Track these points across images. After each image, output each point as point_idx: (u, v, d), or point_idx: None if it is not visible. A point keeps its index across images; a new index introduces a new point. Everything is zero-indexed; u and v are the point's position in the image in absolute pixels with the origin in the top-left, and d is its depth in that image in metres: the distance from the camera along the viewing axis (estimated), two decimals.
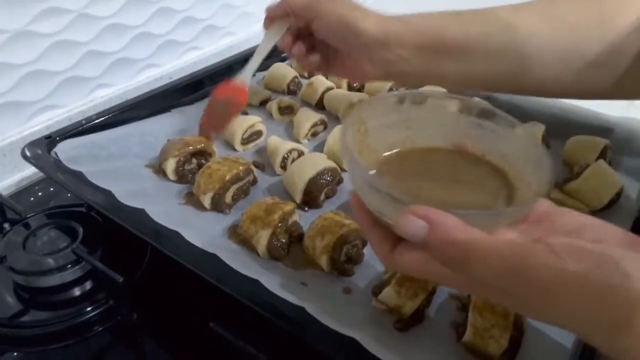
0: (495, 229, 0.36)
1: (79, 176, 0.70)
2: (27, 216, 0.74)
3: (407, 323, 0.54)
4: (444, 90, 0.75)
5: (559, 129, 0.83)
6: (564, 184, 0.71)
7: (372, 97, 0.46)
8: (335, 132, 0.79)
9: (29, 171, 0.88)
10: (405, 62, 0.63)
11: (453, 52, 0.62)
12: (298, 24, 0.69)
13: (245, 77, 0.76)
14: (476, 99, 0.53)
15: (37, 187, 0.88)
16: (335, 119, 0.89)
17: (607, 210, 0.68)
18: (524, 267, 0.32)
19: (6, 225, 0.73)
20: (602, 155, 0.75)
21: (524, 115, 0.84)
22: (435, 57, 0.63)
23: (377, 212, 0.39)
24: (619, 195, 0.69)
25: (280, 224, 0.63)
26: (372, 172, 0.45)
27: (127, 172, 0.74)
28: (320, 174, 0.70)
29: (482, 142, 0.46)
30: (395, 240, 0.40)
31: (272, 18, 0.71)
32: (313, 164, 0.70)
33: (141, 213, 0.64)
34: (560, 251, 0.31)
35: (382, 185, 0.37)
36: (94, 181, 0.69)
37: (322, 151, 0.79)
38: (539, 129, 0.81)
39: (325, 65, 0.71)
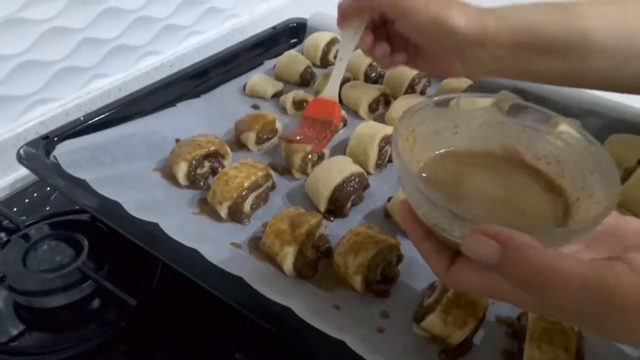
0: (566, 246, 0.34)
1: (82, 184, 0.64)
2: (26, 225, 0.67)
3: (454, 353, 0.50)
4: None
5: (595, 126, 0.77)
6: None
7: (419, 102, 0.43)
8: (359, 130, 0.73)
9: (24, 171, 0.81)
10: (499, 61, 0.58)
11: (553, 50, 0.57)
12: (373, 17, 0.63)
13: (334, 90, 0.70)
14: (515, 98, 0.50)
15: (31, 189, 0.82)
16: (355, 114, 0.83)
17: None
18: (607, 291, 0.30)
19: (2, 235, 0.67)
20: None
21: (556, 110, 0.79)
22: (533, 56, 0.57)
23: (433, 225, 0.37)
24: None
25: (307, 239, 0.57)
26: (423, 176, 0.42)
27: (134, 178, 0.67)
28: (346, 181, 0.64)
29: (533, 146, 0.43)
30: (452, 253, 0.37)
31: (348, 15, 0.64)
32: (339, 169, 0.65)
33: (153, 227, 0.58)
34: None
35: (441, 200, 0.34)
36: (99, 190, 0.62)
37: (343, 151, 0.74)
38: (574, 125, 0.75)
39: (407, 61, 0.66)
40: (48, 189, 0.81)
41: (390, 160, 0.74)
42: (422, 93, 0.88)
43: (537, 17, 0.56)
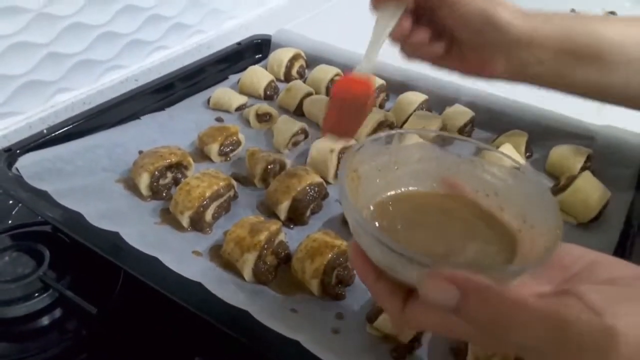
0: (519, 282, 0.34)
1: (44, 196, 0.64)
2: None
3: (405, 351, 0.52)
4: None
5: (542, 137, 0.82)
6: None
7: (361, 140, 0.43)
8: (318, 143, 0.76)
9: None
10: (540, 66, 0.57)
11: (596, 60, 0.57)
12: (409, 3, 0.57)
13: (367, 68, 0.59)
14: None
15: None
16: (316, 126, 0.86)
17: (594, 222, 0.68)
18: (564, 329, 0.30)
19: None
20: (586, 164, 0.75)
21: (505, 123, 0.84)
22: (574, 63, 0.57)
23: (387, 268, 0.36)
24: (604, 206, 0.69)
25: (266, 246, 0.59)
26: (375, 224, 0.41)
27: (97, 189, 0.68)
28: (305, 190, 0.66)
29: (470, 179, 0.44)
30: (405, 293, 0.37)
31: None
32: (298, 179, 0.67)
33: (115, 236, 0.60)
34: (596, 306, 0.30)
35: (394, 245, 0.33)
36: (61, 201, 0.63)
37: (304, 162, 0.76)
38: (522, 137, 0.80)
39: (443, 55, 0.62)
40: (11, 201, 0.81)
41: None
42: (381, 107, 0.91)
43: (583, 24, 0.57)
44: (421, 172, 0.45)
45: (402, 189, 0.44)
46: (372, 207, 0.42)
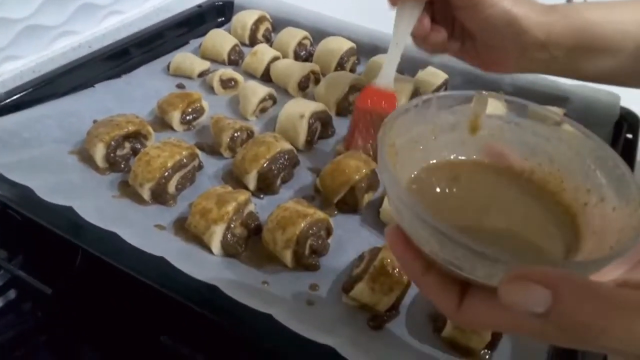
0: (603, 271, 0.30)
1: None
2: None
3: (382, 320, 0.50)
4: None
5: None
6: None
7: (395, 110, 0.35)
8: (288, 108, 0.72)
9: None
10: (554, 62, 0.56)
11: (608, 50, 0.55)
12: None
13: (389, 78, 0.65)
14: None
15: None
16: (284, 92, 0.81)
17: None
18: None
19: None
20: None
21: (480, 85, 0.82)
22: (589, 56, 0.56)
23: (444, 261, 0.30)
24: None
25: (234, 217, 0.56)
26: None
27: (47, 161, 0.63)
28: (275, 158, 0.63)
29: (518, 144, 0.38)
30: (460, 286, 0.31)
31: None
32: (267, 146, 0.63)
33: (69, 212, 0.55)
34: None
35: (464, 239, 0.27)
36: (8, 176, 0.58)
37: (273, 129, 0.73)
38: (500, 98, 0.78)
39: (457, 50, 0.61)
40: None
41: (320, 137, 0.73)
42: (352, 71, 0.88)
43: (597, 14, 0.55)
44: (462, 141, 0.38)
45: (443, 159, 0.38)
46: (412, 185, 0.36)
